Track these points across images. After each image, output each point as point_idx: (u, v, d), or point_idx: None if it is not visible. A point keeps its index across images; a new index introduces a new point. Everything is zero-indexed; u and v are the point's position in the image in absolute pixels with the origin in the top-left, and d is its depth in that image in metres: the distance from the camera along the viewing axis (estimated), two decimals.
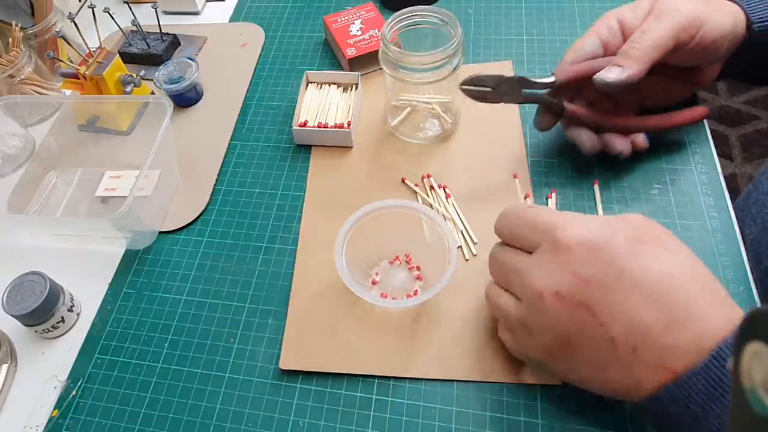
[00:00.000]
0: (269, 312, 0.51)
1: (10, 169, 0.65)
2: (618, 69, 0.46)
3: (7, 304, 0.48)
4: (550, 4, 0.72)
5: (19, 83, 0.67)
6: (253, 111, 0.67)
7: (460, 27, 0.52)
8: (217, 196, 0.60)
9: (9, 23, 0.67)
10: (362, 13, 0.70)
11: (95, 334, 0.52)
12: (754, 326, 0.20)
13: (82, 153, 0.66)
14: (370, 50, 0.66)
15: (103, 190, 0.62)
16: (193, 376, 0.48)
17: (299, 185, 0.59)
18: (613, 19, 0.49)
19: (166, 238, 0.57)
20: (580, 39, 0.51)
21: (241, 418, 0.46)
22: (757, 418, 0.20)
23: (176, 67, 0.67)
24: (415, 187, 0.57)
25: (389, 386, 0.45)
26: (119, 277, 0.55)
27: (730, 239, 0.49)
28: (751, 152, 1.62)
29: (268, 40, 0.75)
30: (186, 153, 0.63)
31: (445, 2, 0.75)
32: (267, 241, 0.56)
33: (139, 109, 0.68)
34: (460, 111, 0.61)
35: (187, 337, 0.50)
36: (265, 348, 0.49)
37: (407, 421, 0.44)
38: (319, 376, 0.47)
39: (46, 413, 0.47)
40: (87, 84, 0.64)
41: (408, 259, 0.52)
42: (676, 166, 0.55)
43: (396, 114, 0.62)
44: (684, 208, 0.52)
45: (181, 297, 0.53)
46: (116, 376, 0.49)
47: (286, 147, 0.63)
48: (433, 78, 0.53)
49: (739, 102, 1.74)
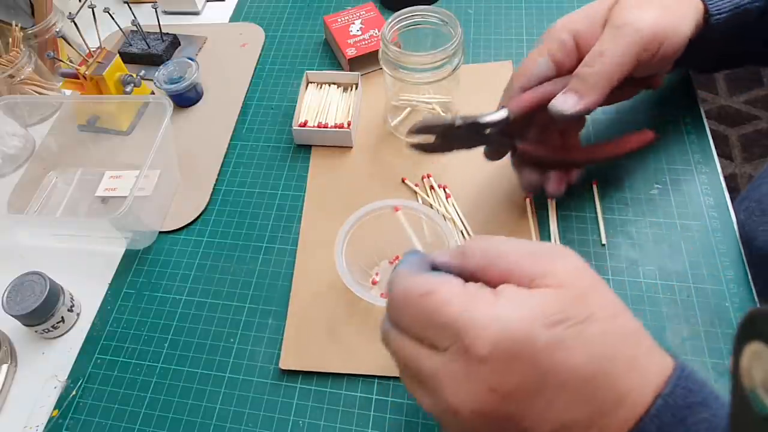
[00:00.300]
0: (269, 312, 0.51)
1: (10, 169, 0.65)
2: (574, 98, 0.43)
3: (7, 304, 0.48)
4: (550, 4, 0.72)
5: (19, 83, 0.67)
6: (253, 111, 0.67)
7: (460, 27, 0.52)
8: (217, 196, 0.60)
9: (9, 23, 0.67)
10: (362, 13, 0.70)
11: (95, 334, 0.52)
12: (754, 326, 0.20)
13: (82, 153, 0.66)
14: (370, 50, 0.66)
15: (103, 190, 0.62)
16: (193, 376, 0.48)
17: (299, 185, 0.59)
18: (566, 33, 0.45)
19: (166, 238, 0.57)
20: (529, 57, 0.46)
21: (241, 418, 0.46)
22: (757, 418, 0.20)
23: (176, 67, 0.67)
24: (415, 187, 0.57)
25: (389, 386, 0.45)
26: (119, 277, 0.55)
27: (730, 239, 0.49)
28: (751, 152, 1.62)
29: (268, 40, 0.75)
30: (186, 153, 0.63)
31: (445, 2, 0.75)
32: (267, 241, 0.56)
33: (139, 109, 0.68)
34: (460, 111, 0.61)
35: (187, 337, 0.50)
36: (265, 348, 0.49)
37: (407, 421, 0.44)
38: (319, 376, 0.47)
39: (46, 413, 0.47)
40: (87, 84, 0.64)
41: None
42: (676, 166, 0.55)
43: (396, 114, 0.62)
44: (684, 208, 0.52)
45: (181, 297, 0.53)
46: (116, 376, 0.49)
47: (286, 147, 0.63)
48: (433, 78, 0.53)
49: (739, 102, 1.74)
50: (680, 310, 0.46)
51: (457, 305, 0.29)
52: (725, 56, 0.53)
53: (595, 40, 0.43)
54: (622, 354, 0.29)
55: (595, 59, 0.42)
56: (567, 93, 0.43)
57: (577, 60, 0.45)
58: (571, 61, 0.45)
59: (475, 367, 0.29)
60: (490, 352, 0.28)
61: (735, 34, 0.47)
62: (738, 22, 0.46)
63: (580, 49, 0.45)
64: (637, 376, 0.29)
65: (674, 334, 0.45)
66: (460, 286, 0.30)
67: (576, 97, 0.43)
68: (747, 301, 0.46)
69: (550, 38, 0.46)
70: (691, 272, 0.48)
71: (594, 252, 0.50)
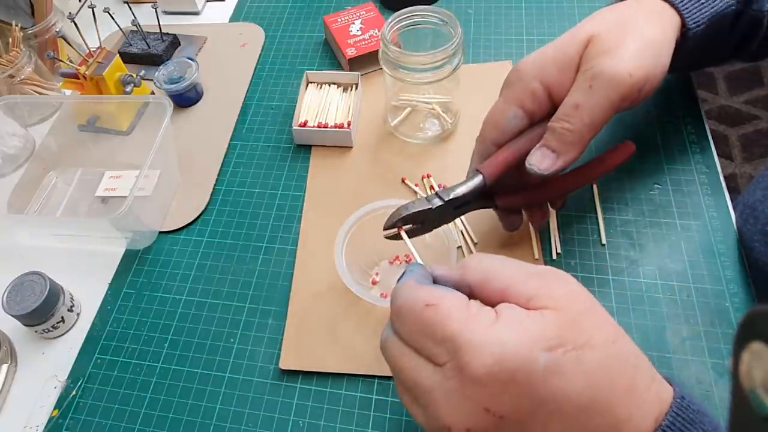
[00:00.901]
0: (269, 312, 0.51)
1: (10, 169, 0.65)
2: (552, 157, 0.40)
3: (7, 304, 0.48)
4: (550, 4, 0.72)
5: (19, 83, 0.67)
6: (253, 111, 0.67)
7: (460, 27, 0.52)
8: (217, 196, 0.60)
9: (9, 23, 0.67)
10: (362, 13, 0.70)
11: (95, 334, 0.52)
12: (754, 326, 0.20)
13: (82, 153, 0.66)
14: (370, 50, 0.66)
15: (103, 190, 0.62)
16: (193, 376, 0.48)
17: (299, 185, 0.59)
18: (537, 82, 0.41)
19: (166, 238, 0.57)
20: (498, 107, 0.43)
21: (241, 418, 0.46)
22: (757, 418, 0.20)
23: (176, 67, 0.67)
24: (415, 187, 0.57)
25: (389, 386, 0.45)
26: (119, 277, 0.55)
27: (730, 239, 0.49)
28: (751, 152, 1.62)
29: (268, 40, 0.75)
30: (186, 153, 0.63)
31: (445, 2, 0.75)
32: (267, 241, 0.56)
33: (139, 109, 0.68)
34: (460, 111, 0.61)
35: (187, 337, 0.50)
36: (265, 348, 0.49)
37: (407, 422, 0.44)
38: (319, 376, 0.47)
39: (46, 413, 0.47)
40: (87, 84, 0.64)
41: (408, 259, 0.52)
42: (676, 166, 0.55)
43: (396, 114, 0.62)
44: (684, 208, 0.52)
45: (181, 297, 0.53)
46: (116, 376, 0.49)
47: (286, 147, 0.63)
48: (433, 78, 0.53)
49: (739, 102, 1.74)
50: (680, 310, 0.46)
51: (458, 321, 0.29)
52: (698, 60, 0.52)
53: (567, 88, 0.40)
54: (620, 381, 0.29)
55: (570, 113, 0.39)
56: (544, 150, 0.40)
57: (550, 107, 0.42)
58: (543, 111, 0.42)
59: (470, 387, 0.28)
60: (486, 374, 0.28)
61: (710, 41, 0.47)
62: (715, 29, 0.45)
63: (553, 97, 0.41)
64: (636, 404, 0.29)
65: (674, 334, 0.45)
66: (464, 302, 0.30)
67: (553, 156, 0.40)
68: (747, 301, 0.46)
69: (519, 88, 0.42)
70: (691, 272, 0.48)
71: (594, 252, 0.50)
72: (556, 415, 0.28)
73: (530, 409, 0.28)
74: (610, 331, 0.30)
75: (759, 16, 0.47)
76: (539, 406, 0.28)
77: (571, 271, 0.49)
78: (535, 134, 0.42)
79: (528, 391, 0.28)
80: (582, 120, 0.39)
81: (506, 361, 0.28)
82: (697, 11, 0.43)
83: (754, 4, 0.46)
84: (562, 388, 0.28)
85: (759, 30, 0.48)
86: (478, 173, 0.43)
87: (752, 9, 0.46)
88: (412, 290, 0.31)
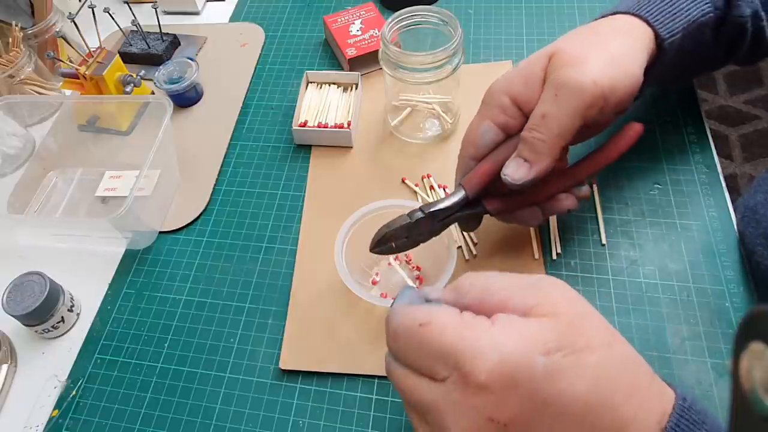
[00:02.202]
0: (269, 312, 0.51)
1: (10, 169, 0.65)
2: (525, 166, 0.41)
3: (7, 304, 0.48)
4: (550, 4, 0.72)
5: (19, 83, 0.67)
6: (253, 111, 0.67)
7: (460, 27, 0.52)
8: (217, 196, 0.60)
9: (9, 23, 0.67)
10: (362, 13, 0.70)
11: (95, 334, 0.52)
12: (754, 326, 0.20)
13: (82, 153, 0.66)
14: (370, 50, 0.66)
15: (103, 190, 0.62)
16: (193, 376, 0.48)
17: (299, 185, 0.59)
18: (505, 96, 0.42)
19: (166, 238, 0.57)
20: (473, 125, 0.44)
21: (241, 418, 0.46)
22: (757, 418, 0.20)
23: (176, 67, 0.67)
24: (415, 187, 0.57)
25: (389, 386, 0.45)
26: (119, 277, 0.55)
27: (730, 239, 0.49)
28: (751, 152, 1.62)
29: (268, 40, 0.75)
30: (186, 153, 0.63)
31: (445, 2, 0.75)
32: (267, 241, 0.56)
33: (139, 109, 0.68)
34: (460, 111, 0.61)
35: (187, 337, 0.50)
36: (265, 348, 0.49)
37: (407, 422, 0.44)
38: (319, 376, 0.47)
39: (46, 413, 0.47)
40: (87, 84, 0.64)
41: (408, 259, 0.52)
42: (676, 166, 0.55)
43: (396, 114, 0.62)
44: (684, 208, 0.52)
45: (181, 297, 0.53)
46: (116, 376, 0.49)
47: (286, 147, 0.63)
48: (433, 78, 0.53)
49: (739, 102, 1.74)
50: (680, 310, 0.46)
51: (453, 333, 0.29)
52: (688, 68, 0.52)
53: (535, 101, 0.41)
54: (621, 381, 0.29)
55: (539, 123, 0.40)
56: (517, 160, 0.41)
57: (523, 120, 0.42)
58: (516, 122, 0.43)
59: (474, 396, 0.29)
60: (488, 379, 0.28)
61: (694, 49, 0.47)
62: (694, 37, 0.45)
63: (523, 110, 0.42)
64: (639, 403, 0.29)
65: (674, 334, 0.45)
66: (456, 315, 0.31)
67: (527, 165, 0.41)
68: (747, 301, 0.46)
69: (490, 104, 0.43)
70: (691, 272, 0.48)
71: (594, 252, 0.50)
72: (560, 419, 0.28)
73: (534, 413, 0.28)
74: (607, 334, 0.30)
75: (741, 21, 0.47)
76: (543, 409, 0.28)
77: (571, 271, 0.49)
78: (511, 144, 0.43)
79: (530, 394, 0.28)
80: (550, 129, 0.40)
81: (506, 364, 0.28)
82: (669, 21, 0.44)
83: (734, 9, 0.46)
84: (565, 390, 0.28)
85: (745, 34, 0.48)
86: (461, 187, 0.44)
87: (733, 15, 0.47)
88: (405, 312, 0.32)
